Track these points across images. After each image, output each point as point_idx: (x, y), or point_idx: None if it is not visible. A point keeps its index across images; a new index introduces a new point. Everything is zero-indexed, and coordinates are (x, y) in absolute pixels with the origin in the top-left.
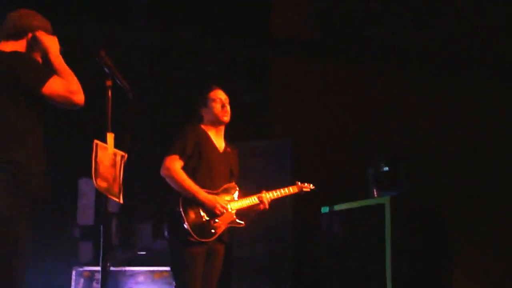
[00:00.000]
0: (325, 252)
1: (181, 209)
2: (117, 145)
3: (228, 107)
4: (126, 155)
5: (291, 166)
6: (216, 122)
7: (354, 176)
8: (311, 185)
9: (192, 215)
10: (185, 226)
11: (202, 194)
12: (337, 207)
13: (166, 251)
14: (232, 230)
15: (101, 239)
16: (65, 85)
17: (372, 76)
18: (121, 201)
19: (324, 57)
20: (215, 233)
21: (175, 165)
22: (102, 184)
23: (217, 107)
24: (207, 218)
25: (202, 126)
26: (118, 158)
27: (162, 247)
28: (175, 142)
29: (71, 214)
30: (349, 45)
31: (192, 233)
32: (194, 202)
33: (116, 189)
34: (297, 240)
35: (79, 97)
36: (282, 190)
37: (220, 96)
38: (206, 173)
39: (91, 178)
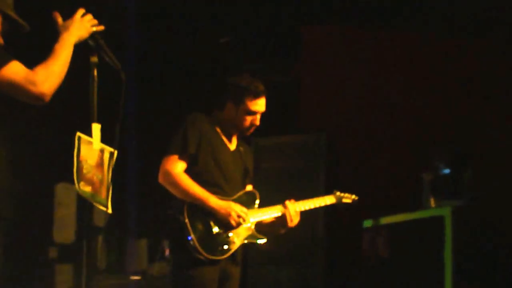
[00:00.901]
0: (367, 277)
1: (186, 219)
2: (104, 140)
3: (258, 122)
4: (116, 152)
5: (325, 167)
6: (233, 130)
7: (405, 181)
8: (353, 195)
9: (200, 226)
10: (190, 240)
11: (213, 200)
12: (384, 221)
13: (166, 275)
14: (249, 248)
15: (84, 261)
16: (26, 73)
17: (431, 50)
18: (110, 210)
19: (370, 25)
20: (228, 249)
21: (175, 167)
22: (85, 188)
23: (248, 121)
24: (219, 231)
25: (210, 118)
26: (106, 156)
27: (161, 271)
28: (174, 138)
29: (46, 230)
30: (402, 8)
31: (199, 248)
32: (202, 211)
33: (103, 195)
34: (331, 263)
35: (41, 89)
36: (315, 200)
37: (259, 109)
38: (216, 176)
39: (72, 182)
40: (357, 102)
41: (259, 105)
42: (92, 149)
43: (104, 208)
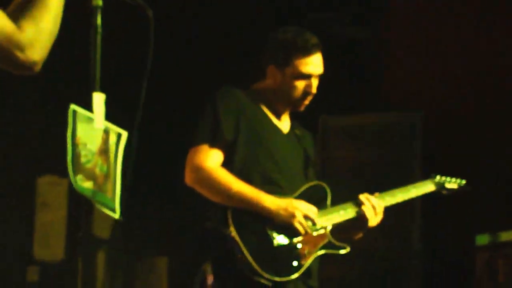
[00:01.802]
0: None
1: (233, 231)
2: (112, 119)
3: (314, 89)
4: (125, 134)
5: (420, 157)
6: (282, 105)
7: None
8: (461, 180)
9: (253, 238)
10: (246, 259)
11: (268, 199)
12: (506, 236)
13: None
14: (321, 262)
15: (80, 287)
16: (9, 29)
17: None
18: (118, 215)
19: None
20: (299, 266)
21: (207, 160)
22: (85, 184)
23: (300, 88)
24: (282, 241)
25: (249, 92)
26: (113, 139)
27: None
28: (201, 123)
29: (22, 242)
30: None
31: (257, 269)
32: (254, 217)
33: (109, 193)
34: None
35: (30, 55)
36: (406, 189)
37: (313, 70)
38: (267, 169)
39: (60, 175)
40: (462, 70)
41: (313, 64)
42: (93, 129)
43: (110, 213)
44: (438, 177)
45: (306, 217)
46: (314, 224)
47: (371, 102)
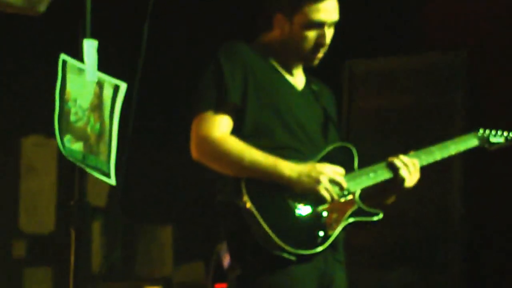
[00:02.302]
0: None
1: (248, 203)
2: (109, 70)
3: (328, 39)
4: (123, 86)
5: (464, 103)
6: (293, 58)
7: None
8: (508, 132)
9: (273, 209)
10: (266, 233)
11: (287, 165)
12: None
13: (199, 283)
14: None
15: (71, 262)
16: None
17: None
18: (114, 181)
19: None
20: (326, 237)
21: (214, 128)
22: (74, 146)
23: (311, 39)
24: (306, 211)
25: (255, 46)
26: (108, 93)
27: (193, 275)
28: (203, 86)
29: (8, 213)
30: None
31: (279, 242)
32: (271, 186)
33: (103, 156)
34: (472, 265)
35: None
36: (441, 147)
37: (326, 17)
38: (282, 133)
39: (48, 134)
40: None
41: (325, 10)
42: (85, 82)
43: (103, 178)
44: (481, 130)
45: (332, 182)
46: (342, 189)
47: (402, 44)
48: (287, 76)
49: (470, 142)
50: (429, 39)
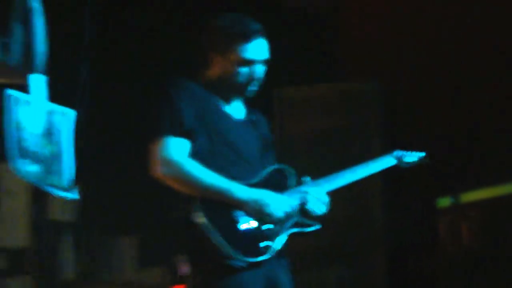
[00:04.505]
0: (445, 275)
1: (203, 218)
2: (56, 97)
3: (261, 74)
4: (73, 112)
5: (381, 127)
6: (231, 92)
7: (498, 140)
8: (419, 153)
9: (223, 223)
10: (218, 243)
11: (240, 190)
12: (467, 197)
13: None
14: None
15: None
16: None
17: None
18: (72, 195)
19: None
20: (268, 246)
21: (176, 153)
22: (30, 167)
23: (244, 74)
24: (251, 226)
25: (197, 81)
26: (59, 119)
27: (154, 277)
28: (159, 113)
29: None
30: None
31: (231, 252)
32: (222, 205)
33: (62, 174)
34: (393, 259)
35: None
36: (364, 166)
37: (257, 56)
38: (227, 157)
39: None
40: (424, 36)
41: (253, 50)
42: (34, 112)
43: (65, 194)
44: (397, 152)
45: (284, 212)
46: (288, 218)
47: (325, 74)
48: (227, 109)
49: (388, 161)
50: (348, 70)
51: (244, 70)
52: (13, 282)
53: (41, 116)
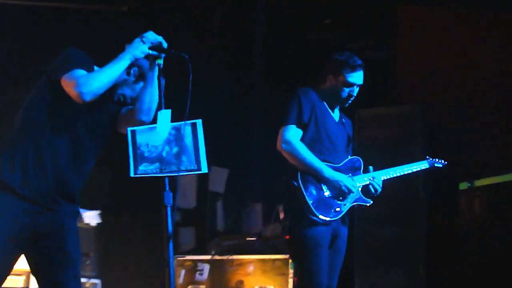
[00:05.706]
0: (465, 235)
1: (300, 184)
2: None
3: (355, 93)
4: (200, 122)
5: (422, 136)
6: (335, 101)
7: (502, 142)
8: (443, 161)
9: (313, 190)
10: (307, 203)
11: (328, 171)
12: (479, 183)
13: (279, 236)
14: (355, 209)
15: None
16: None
17: None
18: (205, 169)
19: (462, 3)
20: (340, 212)
21: (293, 137)
22: (150, 167)
23: (345, 93)
24: (330, 195)
25: (316, 91)
26: (187, 130)
27: (274, 232)
28: (289, 109)
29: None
30: None
31: (314, 211)
32: (315, 177)
33: (185, 162)
34: (431, 222)
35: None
36: (406, 166)
37: (356, 81)
38: (326, 145)
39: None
40: (453, 74)
41: (356, 77)
42: (157, 135)
43: (193, 172)
44: (430, 159)
45: (348, 190)
46: (352, 192)
47: (386, 100)
48: (331, 112)
49: (423, 165)
50: (400, 92)
51: (346, 89)
52: (184, 231)
53: (163, 136)
